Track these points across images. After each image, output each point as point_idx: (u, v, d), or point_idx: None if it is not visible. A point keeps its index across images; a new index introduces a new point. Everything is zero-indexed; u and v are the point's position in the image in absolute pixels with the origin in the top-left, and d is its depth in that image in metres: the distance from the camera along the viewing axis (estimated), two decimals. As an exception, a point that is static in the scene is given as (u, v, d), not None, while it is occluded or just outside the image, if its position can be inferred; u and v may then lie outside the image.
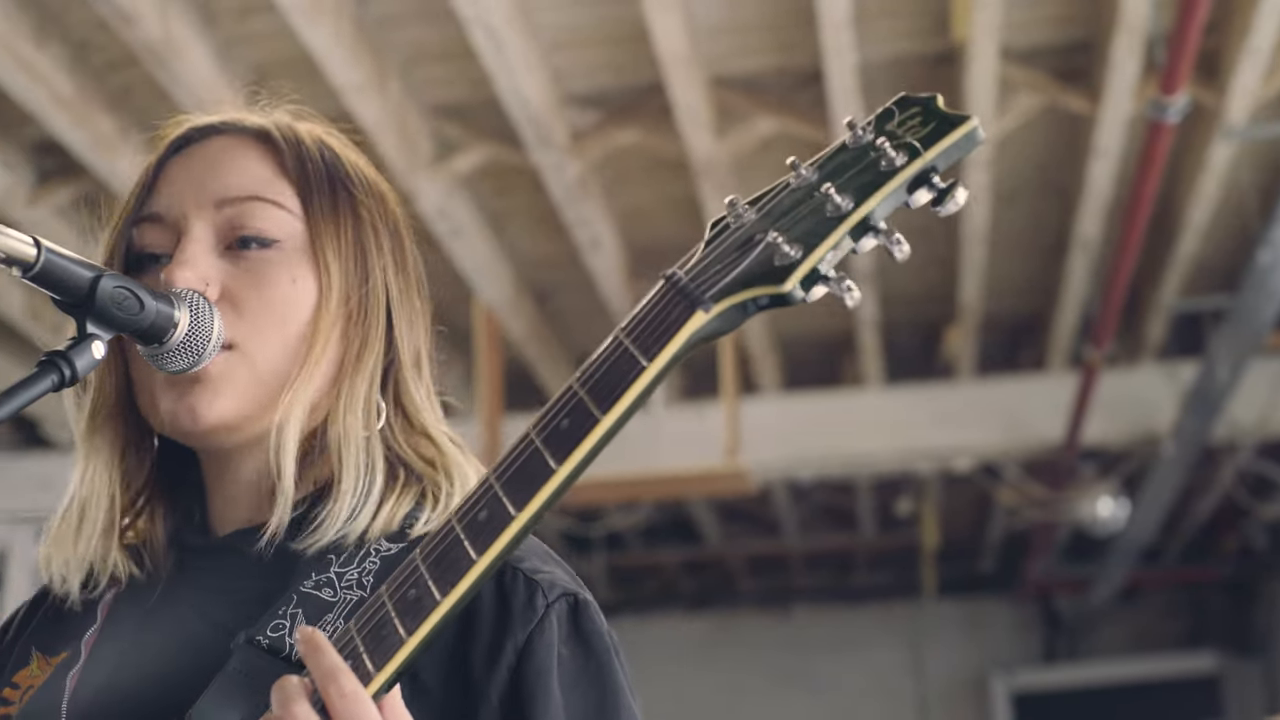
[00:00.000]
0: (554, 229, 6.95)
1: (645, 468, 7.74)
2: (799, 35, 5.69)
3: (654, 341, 1.37)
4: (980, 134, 1.41)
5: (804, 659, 12.35)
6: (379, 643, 1.38)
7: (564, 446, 1.38)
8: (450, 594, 1.37)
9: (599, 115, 6.17)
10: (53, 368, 1.50)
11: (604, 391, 1.37)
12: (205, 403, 1.64)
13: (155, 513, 1.75)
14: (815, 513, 11.12)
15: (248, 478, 1.72)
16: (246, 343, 1.66)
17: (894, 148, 1.39)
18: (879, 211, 1.39)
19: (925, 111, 1.42)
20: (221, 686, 1.52)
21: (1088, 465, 8.95)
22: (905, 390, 8.36)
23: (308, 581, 1.61)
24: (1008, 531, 10.97)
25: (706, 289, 1.38)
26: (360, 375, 1.72)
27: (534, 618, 1.58)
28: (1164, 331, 8.09)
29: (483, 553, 1.38)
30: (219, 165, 1.74)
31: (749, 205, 1.43)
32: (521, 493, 1.38)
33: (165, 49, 5.18)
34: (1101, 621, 12.08)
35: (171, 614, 1.70)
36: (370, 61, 5.50)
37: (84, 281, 1.52)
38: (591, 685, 1.60)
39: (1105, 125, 5.94)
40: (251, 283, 1.68)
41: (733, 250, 1.40)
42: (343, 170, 1.80)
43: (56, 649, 1.74)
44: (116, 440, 1.73)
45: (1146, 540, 9.73)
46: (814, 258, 1.37)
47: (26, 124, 5.90)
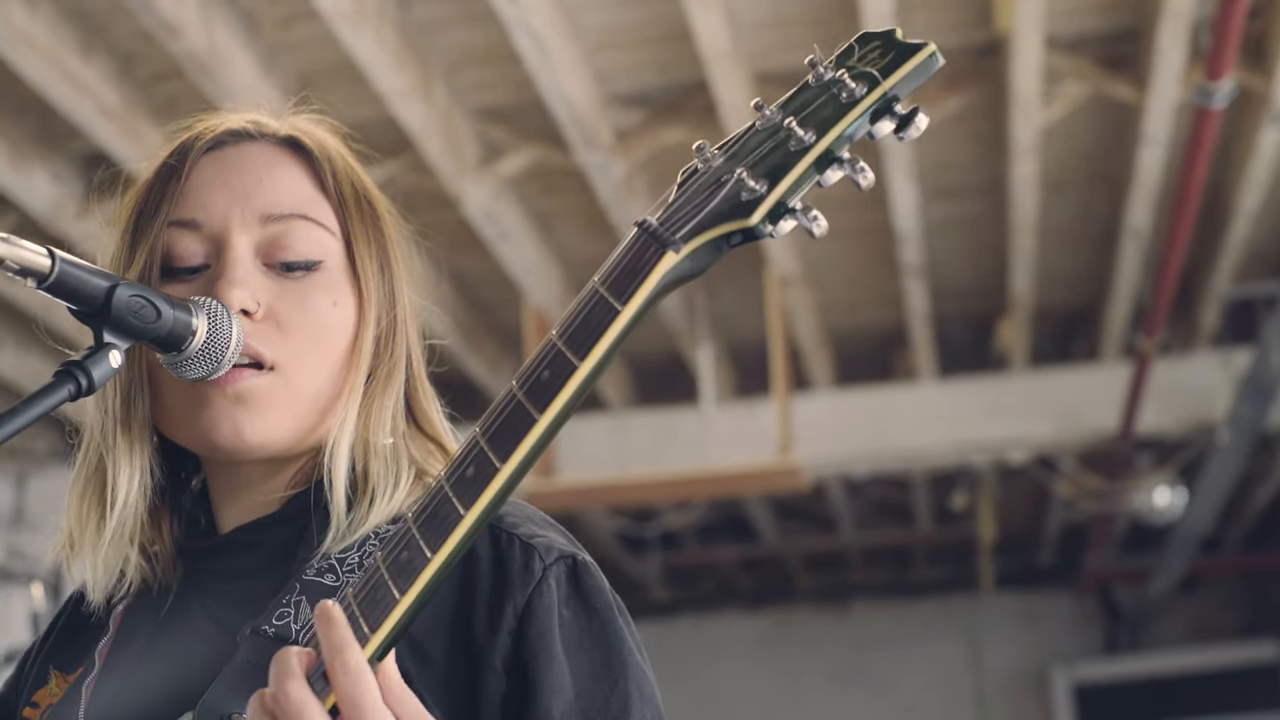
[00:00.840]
0: (602, 229, 6.95)
1: (698, 466, 7.74)
2: (841, 29, 5.67)
3: (627, 286, 1.39)
4: (938, 59, 1.43)
5: (863, 654, 12.32)
6: (374, 606, 1.39)
7: (544, 396, 1.39)
8: (440, 551, 1.39)
9: (643, 114, 6.17)
10: (69, 377, 1.50)
11: (580, 339, 1.39)
12: (249, 423, 1.65)
13: (163, 520, 1.76)
14: (871, 508, 11.10)
15: (256, 483, 1.74)
16: (289, 365, 1.68)
17: (853, 79, 1.42)
18: (840, 142, 1.40)
19: (884, 44, 1.45)
20: (229, 677, 1.54)
21: (1144, 455, 8.90)
22: (958, 383, 8.32)
23: (310, 570, 1.63)
24: (1065, 523, 10.91)
25: (676, 230, 1.39)
26: (389, 393, 1.75)
27: (532, 580, 1.59)
28: (1217, 318, 8.03)
29: (470, 506, 1.39)
30: (261, 177, 1.74)
31: (717, 150, 1.45)
32: (506, 445, 1.39)
33: (210, 59, 5.21)
34: (1162, 612, 12.00)
35: (182, 618, 1.72)
36: (414, 67, 5.52)
37: (100, 291, 1.52)
38: (595, 644, 1.60)
39: (1153, 113, 5.90)
40: (296, 305, 1.69)
41: (701, 192, 1.42)
42: (365, 187, 1.82)
43: (73, 666, 1.76)
44: (147, 450, 1.73)
45: (1205, 529, 9.66)
46: (778, 190, 1.38)
47: (75, 137, 5.95)
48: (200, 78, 5.33)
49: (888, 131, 1.42)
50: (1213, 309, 7.90)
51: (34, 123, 5.90)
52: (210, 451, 1.70)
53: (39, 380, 7.02)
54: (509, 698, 1.56)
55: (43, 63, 5.15)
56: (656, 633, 12.03)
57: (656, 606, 12.18)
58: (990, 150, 6.56)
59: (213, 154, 1.76)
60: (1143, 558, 11.22)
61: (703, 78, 5.74)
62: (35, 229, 6.20)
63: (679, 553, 11.41)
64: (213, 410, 1.65)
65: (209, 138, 1.76)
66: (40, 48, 5.10)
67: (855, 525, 11.25)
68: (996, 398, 8.20)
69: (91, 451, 1.74)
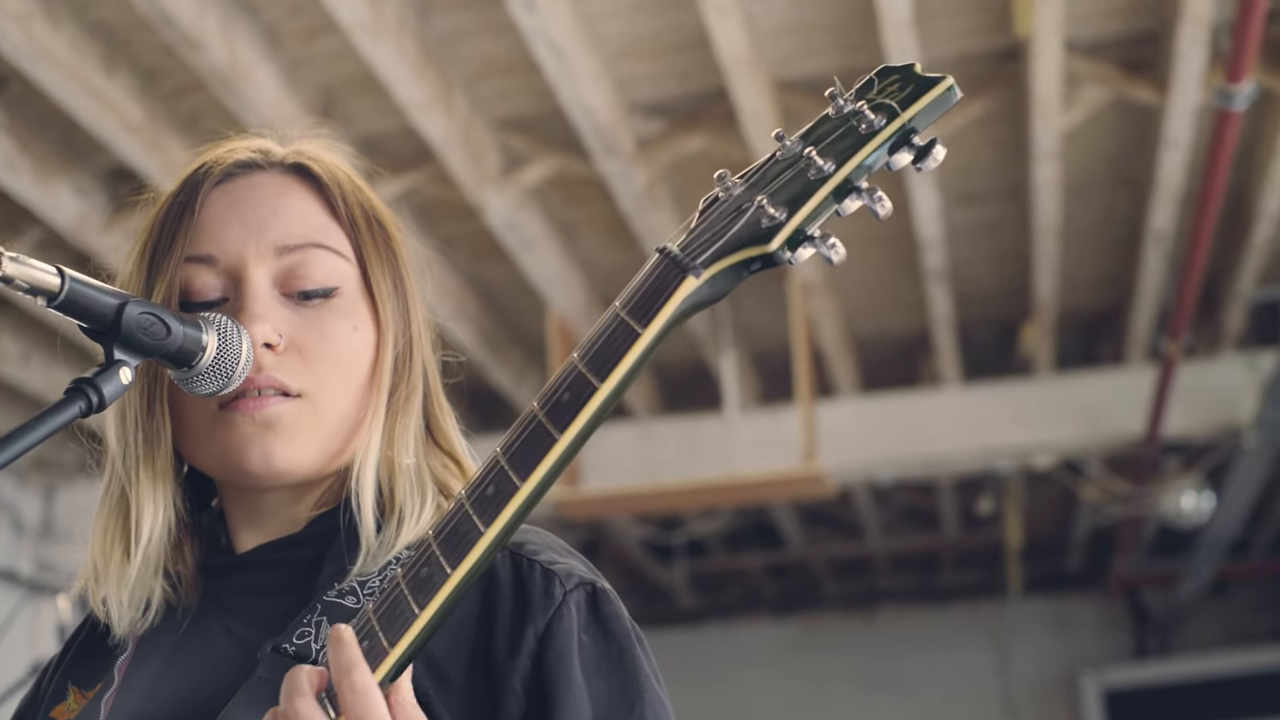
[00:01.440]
0: (624, 238, 6.97)
1: (723, 474, 7.75)
2: (861, 36, 5.69)
3: (648, 310, 1.42)
4: (956, 93, 1.46)
5: (891, 661, 12.30)
6: (393, 621, 1.42)
7: (565, 417, 1.42)
8: (460, 567, 1.41)
9: (664, 123, 6.18)
10: (80, 394, 1.51)
11: (601, 362, 1.42)
12: (278, 449, 1.67)
13: (184, 543, 1.78)
14: (897, 514, 11.09)
15: (278, 508, 1.76)
16: (314, 392, 1.70)
17: (872, 110, 1.45)
18: (859, 172, 1.44)
19: (903, 77, 1.48)
20: (248, 693, 1.56)
21: (1171, 459, 8.87)
22: (983, 388, 8.31)
23: (330, 591, 1.65)
24: (1093, 528, 10.89)
25: (697, 256, 1.43)
26: (410, 413, 1.77)
27: (552, 605, 1.61)
28: (1242, 321, 8.01)
29: (490, 524, 1.42)
30: (274, 210, 1.75)
31: (738, 179, 1.49)
32: (526, 464, 1.42)
33: (232, 73, 5.24)
34: (1191, 616, 11.96)
35: (201, 636, 1.73)
36: (435, 78, 5.54)
37: (109, 309, 1.53)
38: (614, 669, 1.62)
39: (1174, 116, 5.89)
40: (317, 333, 1.71)
41: (722, 219, 1.45)
42: (375, 208, 1.84)
43: (91, 682, 1.78)
44: (171, 487, 1.75)
45: (1234, 533, 9.63)
46: (797, 218, 1.42)
47: (99, 152, 5.98)
48: (222, 92, 5.36)
49: (905, 162, 1.45)
50: (1237, 312, 7.88)
51: (57, 138, 5.93)
52: (238, 478, 1.72)
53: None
54: (527, 718, 1.58)
55: (66, 78, 5.18)
56: (683, 640, 12.04)
57: (683, 614, 12.19)
58: (1011, 155, 6.56)
59: (223, 187, 1.77)
60: (1171, 562, 11.18)
61: (722, 85, 5.75)
62: (60, 243, 6.24)
63: (705, 560, 11.42)
64: (241, 437, 1.67)
65: (218, 171, 1.77)
66: (63, 63, 5.13)
67: (881, 531, 11.24)
68: (1021, 402, 8.19)
69: (114, 484, 1.75)
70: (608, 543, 10.27)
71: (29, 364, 7.29)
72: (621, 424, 8.27)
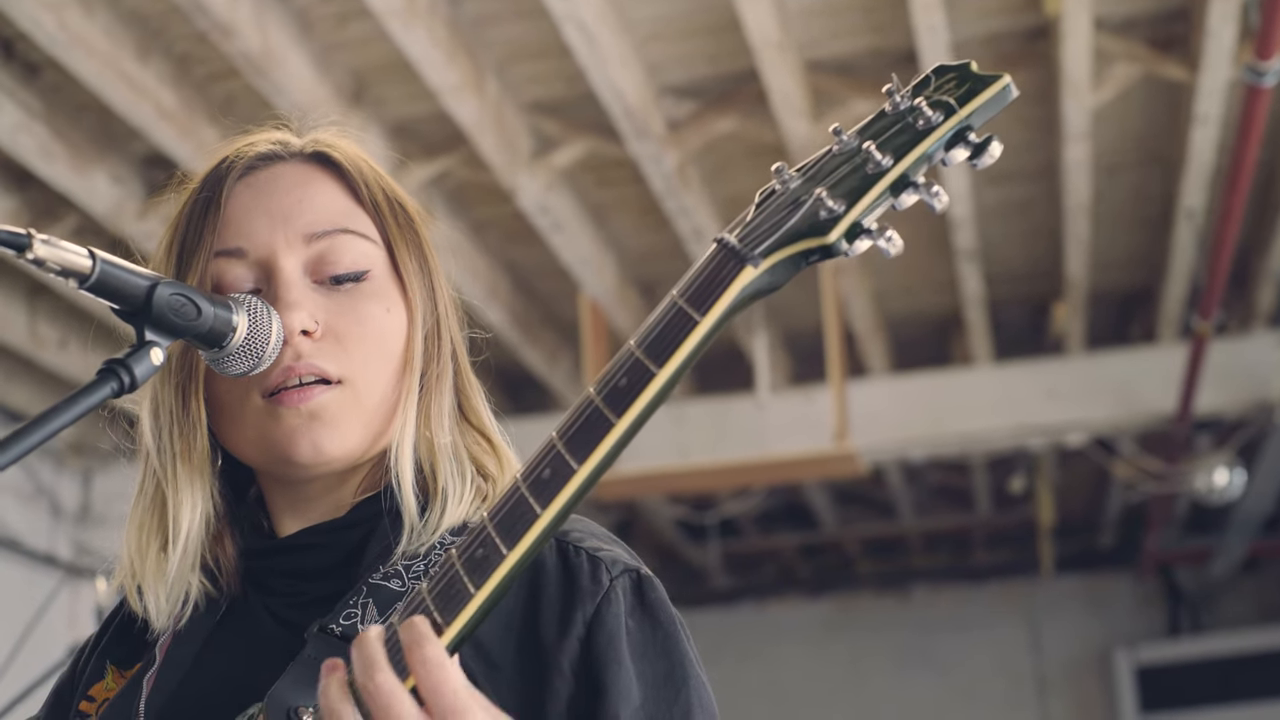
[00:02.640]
0: (656, 219, 6.99)
1: (756, 454, 7.77)
2: (891, 16, 5.70)
3: (706, 298, 1.44)
4: (1012, 90, 1.49)
5: (925, 639, 12.31)
6: (448, 600, 1.44)
7: (622, 402, 1.44)
8: (516, 549, 1.43)
9: (695, 105, 6.20)
10: (112, 375, 1.53)
11: (659, 348, 1.44)
12: (326, 438, 1.70)
13: (224, 533, 1.80)
14: (930, 493, 11.10)
15: (320, 495, 1.79)
16: (356, 377, 1.72)
17: (930, 107, 1.47)
18: (917, 167, 1.47)
19: (959, 75, 1.50)
20: (296, 672, 1.59)
21: (1203, 436, 8.86)
22: (1015, 367, 8.31)
23: (376, 574, 1.68)
24: (1125, 505, 10.87)
25: (755, 246, 1.46)
26: (443, 392, 1.80)
27: (600, 590, 1.65)
28: (1274, 298, 7.99)
29: (546, 506, 1.43)
30: (299, 199, 1.78)
31: (795, 172, 1.51)
32: (583, 448, 1.44)
33: (264, 59, 5.27)
34: (1224, 593, 11.94)
35: (244, 617, 1.76)
36: (466, 62, 5.57)
37: (140, 290, 1.55)
38: (659, 655, 1.65)
39: (1204, 93, 5.89)
40: (352, 317, 1.74)
41: (779, 210, 1.48)
42: (395, 191, 1.87)
43: (131, 661, 1.81)
44: (209, 482, 1.77)
45: (1266, 510, 9.61)
46: (856, 211, 1.45)
47: (134, 139, 6.02)
48: (255, 77, 5.40)
49: (961, 159, 1.47)
50: (1269, 289, 7.86)
51: (93, 125, 5.98)
52: (285, 468, 1.74)
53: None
54: (575, 700, 1.61)
55: (100, 66, 5.22)
56: (719, 620, 12.05)
57: (718, 594, 12.20)
58: (1042, 134, 6.56)
59: (245, 180, 1.80)
60: (1204, 539, 11.16)
61: (752, 67, 5.77)
62: (96, 230, 6.29)
63: (739, 540, 11.44)
64: (288, 429, 1.70)
65: (241, 165, 1.80)
66: (98, 51, 5.17)
67: (914, 510, 11.25)
68: (1053, 381, 8.18)
69: (149, 480, 1.77)
70: (641, 523, 10.30)
71: (67, 349, 7.35)
72: (654, 404, 8.27)
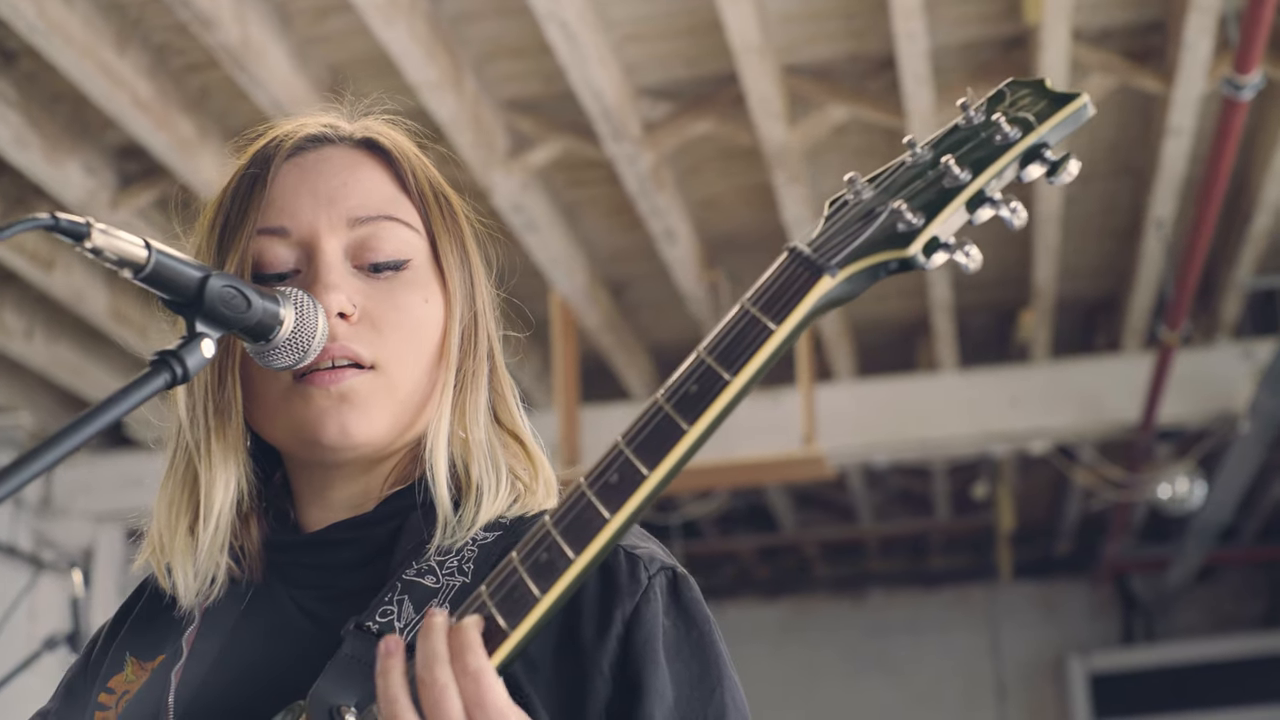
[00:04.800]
0: (629, 221, 6.99)
1: (722, 455, 7.77)
2: (870, 22, 5.71)
3: (781, 307, 1.43)
4: (1090, 109, 1.48)
5: (881, 642, 12.37)
6: (512, 603, 1.43)
7: (694, 409, 1.42)
8: (584, 553, 1.42)
9: (672, 107, 6.20)
10: (165, 367, 1.52)
11: (732, 356, 1.43)
12: (353, 421, 1.69)
13: (251, 517, 1.79)
14: (890, 497, 11.14)
15: (346, 483, 1.77)
16: (389, 364, 1.71)
17: (1009, 123, 1.47)
18: (995, 183, 1.45)
19: (1035, 91, 1.50)
20: (336, 670, 1.57)
21: (1163, 445, 8.93)
22: (980, 374, 8.35)
23: (409, 570, 1.67)
24: (1083, 513, 10.94)
25: (831, 256, 1.44)
26: (479, 387, 1.79)
27: (638, 590, 1.63)
28: (1239, 310, 8.05)
29: (616, 512, 1.42)
30: (345, 181, 1.77)
31: (867, 182, 1.50)
32: (653, 454, 1.42)
33: (243, 51, 5.25)
34: (1178, 602, 12.03)
35: (269, 610, 1.75)
36: (445, 59, 5.56)
37: (193, 281, 1.54)
38: (694, 654, 1.64)
39: (1178, 105, 5.92)
40: (390, 304, 1.73)
41: (854, 221, 1.46)
42: (440, 184, 1.86)
43: (152, 653, 1.79)
44: (240, 450, 1.76)
45: (1223, 519, 9.69)
46: (935, 224, 1.43)
47: (108, 129, 5.99)
48: (234, 70, 5.37)
49: (1036, 175, 1.46)
50: (1234, 300, 7.92)
51: (67, 114, 5.94)
52: (312, 451, 1.73)
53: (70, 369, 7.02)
54: (613, 702, 1.59)
55: (79, 55, 5.19)
56: (675, 621, 12.06)
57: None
58: (1015, 142, 6.57)
59: (294, 160, 1.79)
60: (1161, 547, 11.24)
61: (731, 70, 5.78)
62: (68, 220, 6.24)
63: (699, 541, 11.46)
64: (317, 410, 1.68)
65: (289, 145, 1.80)
66: (76, 40, 5.14)
67: (874, 514, 11.29)
68: (1018, 388, 8.23)
69: (180, 457, 1.76)
70: (601, 523, 10.26)
71: (32, 340, 7.30)
72: (620, 404, 8.29)
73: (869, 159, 6.72)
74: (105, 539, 8.52)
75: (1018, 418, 8.22)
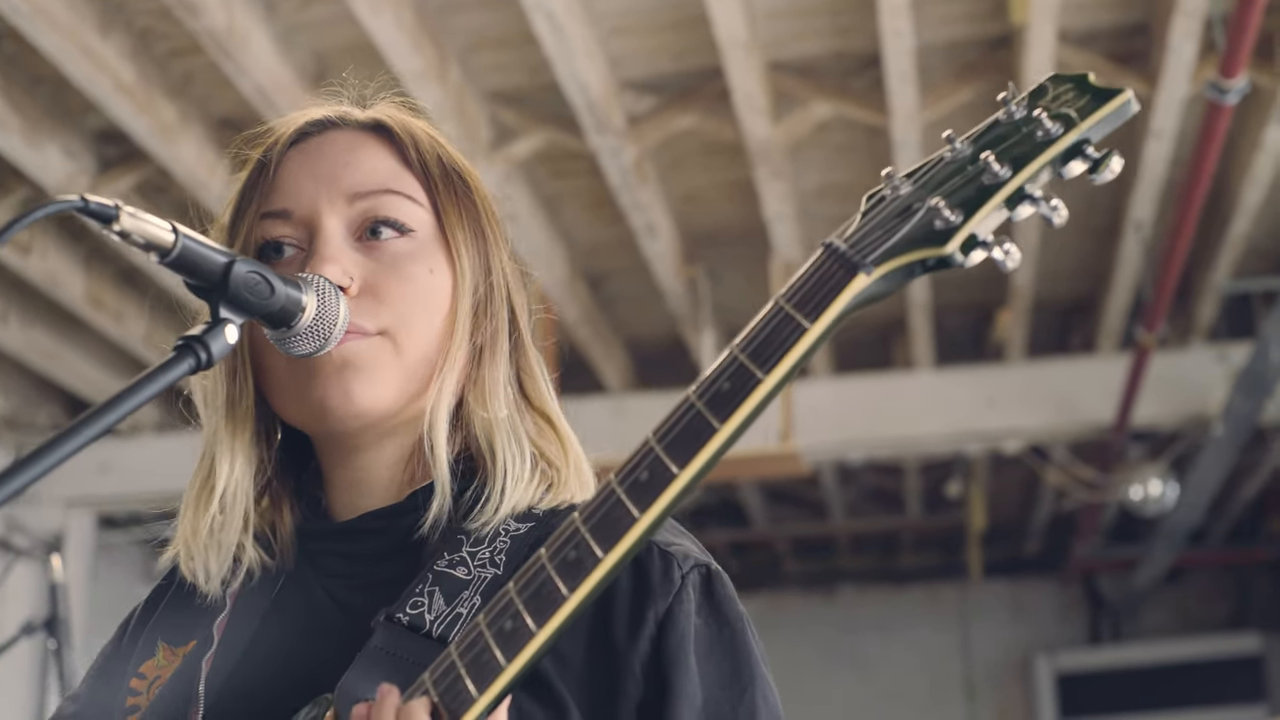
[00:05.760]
0: (609, 214, 6.98)
1: (697, 450, 7.75)
2: (856, 19, 5.71)
3: (816, 304, 1.40)
4: (1134, 105, 1.46)
5: (851, 639, 12.39)
6: (540, 602, 1.41)
7: (726, 407, 1.39)
8: (612, 552, 1.40)
9: (656, 100, 6.19)
10: (189, 351, 1.50)
11: (765, 354, 1.40)
12: (359, 388, 1.67)
13: (282, 503, 1.79)
14: (862, 495, 11.15)
15: (370, 466, 1.75)
16: (395, 330, 1.70)
17: (1050, 119, 1.44)
18: (1036, 179, 1.43)
19: (1078, 86, 1.48)
20: (365, 662, 1.57)
21: (1136, 447, 8.95)
22: (956, 373, 8.36)
23: (441, 561, 1.65)
24: (1054, 513, 10.97)
25: (867, 254, 1.41)
26: (497, 362, 1.77)
27: (672, 589, 1.62)
28: (1214, 312, 8.08)
29: (645, 510, 1.39)
30: (346, 160, 1.77)
31: (905, 178, 1.47)
32: (684, 452, 1.39)
33: (228, 37, 5.22)
34: (1145, 603, 12.07)
35: (300, 598, 1.74)
36: (431, 49, 5.54)
37: (218, 266, 1.53)
38: (726, 654, 1.63)
39: (1161, 107, 5.93)
40: (392, 274, 1.71)
41: (892, 218, 1.43)
42: (454, 161, 1.85)
43: (183, 640, 1.78)
44: (256, 432, 1.76)
45: (1193, 521, 9.72)
46: (974, 222, 1.40)
47: (89, 112, 5.96)
48: (217, 55, 5.34)
49: (1078, 172, 1.44)
50: (1210, 303, 7.94)
51: (47, 97, 5.91)
52: (322, 421, 1.71)
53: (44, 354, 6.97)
54: (644, 703, 1.58)
55: (62, 38, 5.16)
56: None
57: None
58: (996, 142, 6.58)
59: (299, 145, 1.80)
60: (1129, 549, 11.28)
61: (717, 65, 5.77)
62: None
63: (670, 536, 11.43)
64: (321, 379, 1.67)
65: (294, 131, 1.81)
66: (60, 24, 5.10)
67: (846, 512, 11.30)
68: (993, 388, 8.24)
69: (205, 455, 1.77)
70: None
71: (7, 324, 7.26)
72: (596, 398, 8.29)
73: (851, 156, 6.72)
74: (76, 524, 8.48)
75: (993, 417, 8.24)
